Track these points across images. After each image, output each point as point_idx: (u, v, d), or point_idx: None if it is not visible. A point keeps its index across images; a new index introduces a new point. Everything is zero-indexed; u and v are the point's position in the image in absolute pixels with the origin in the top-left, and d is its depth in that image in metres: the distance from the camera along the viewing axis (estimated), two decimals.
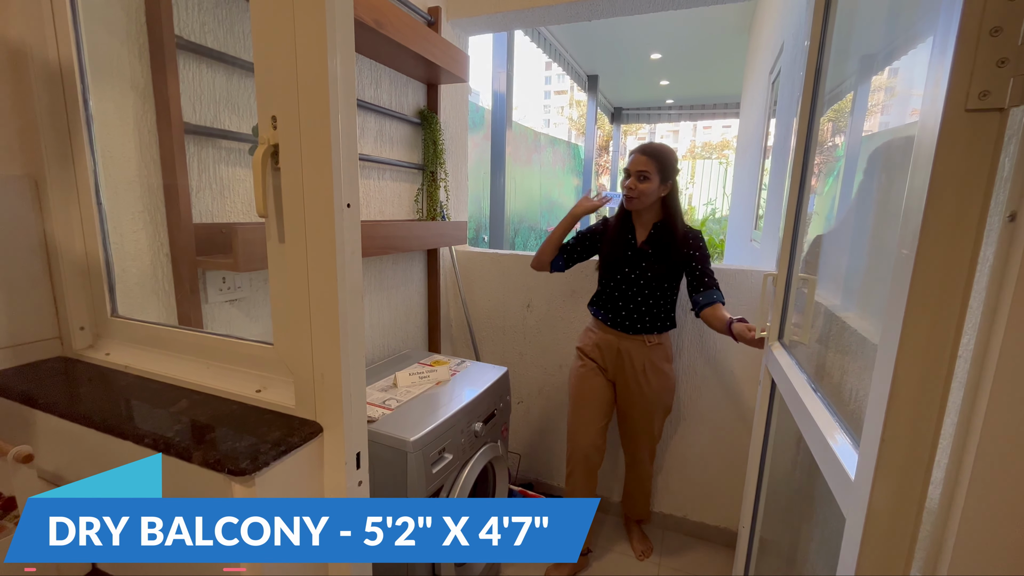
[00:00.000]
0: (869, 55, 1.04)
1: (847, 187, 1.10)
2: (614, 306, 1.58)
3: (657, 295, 1.54)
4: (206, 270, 1.14)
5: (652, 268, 1.52)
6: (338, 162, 0.62)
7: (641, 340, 1.57)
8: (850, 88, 1.12)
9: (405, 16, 1.47)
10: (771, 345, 1.11)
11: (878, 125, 1.02)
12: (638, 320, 1.55)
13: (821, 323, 1.05)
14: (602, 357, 1.62)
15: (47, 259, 0.89)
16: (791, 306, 1.08)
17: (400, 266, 1.86)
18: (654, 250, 1.52)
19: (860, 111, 1.08)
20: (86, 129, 0.87)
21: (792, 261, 1.08)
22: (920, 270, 0.44)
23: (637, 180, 1.48)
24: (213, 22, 1.12)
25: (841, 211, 1.13)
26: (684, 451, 1.90)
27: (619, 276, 1.55)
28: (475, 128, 3.87)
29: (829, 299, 1.04)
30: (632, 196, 1.49)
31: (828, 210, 1.22)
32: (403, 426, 1.23)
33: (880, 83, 1.01)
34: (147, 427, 0.67)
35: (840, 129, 1.21)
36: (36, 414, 0.76)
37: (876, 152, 0.96)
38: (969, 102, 0.42)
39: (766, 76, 3.00)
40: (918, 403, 0.49)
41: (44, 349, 0.90)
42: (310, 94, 0.61)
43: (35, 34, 0.81)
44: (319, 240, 0.65)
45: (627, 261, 1.54)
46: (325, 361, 0.68)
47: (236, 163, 1.20)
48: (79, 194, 0.89)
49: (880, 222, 0.82)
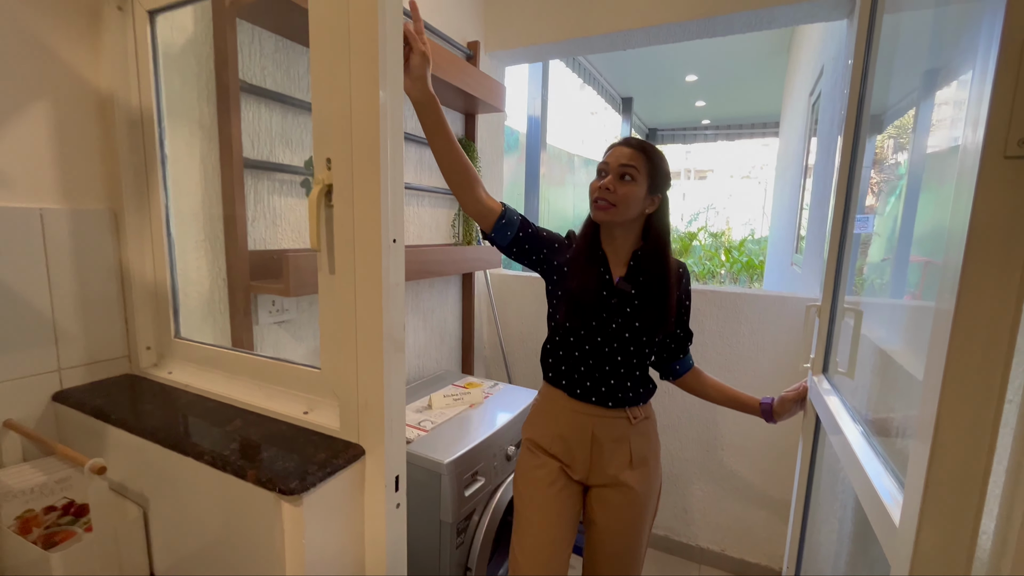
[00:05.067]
0: (932, 70, 1.01)
1: (909, 207, 1.06)
2: (586, 369, 1.08)
3: (644, 351, 1.09)
4: (258, 294, 1.21)
5: (638, 316, 1.06)
6: (386, 201, 0.66)
7: (624, 417, 1.10)
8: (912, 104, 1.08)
9: (446, 53, 1.54)
10: (815, 378, 1.08)
11: (944, 141, 0.98)
12: (619, 387, 1.08)
13: (868, 355, 1.02)
14: (568, 451, 1.10)
15: (121, 284, 0.97)
16: (836, 337, 1.06)
17: (436, 288, 1.92)
18: (638, 290, 1.07)
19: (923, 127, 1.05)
20: (160, 167, 0.95)
21: (836, 290, 1.06)
22: (961, 317, 0.44)
23: (618, 179, 1.01)
24: (272, 66, 1.22)
25: (901, 233, 1.09)
26: (724, 482, 1.84)
27: (594, 325, 1.06)
28: (510, 150, 3.95)
29: (876, 330, 1.01)
30: (607, 201, 1.01)
31: (890, 231, 1.16)
32: (438, 448, 1.26)
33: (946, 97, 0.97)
34: (206, 445, 0.72)
35: (902, 146, 1.15)
36: (107, 428, 0.83)
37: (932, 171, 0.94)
38: (1008, 149, 0.42)
39: (806, 98, 2.95)
40: (965, 447, 0.48)
41: (114, 367, 0.98)
42: (362, 140, 0.66)
43: (122, 84, 0.91)
44: (367, 272, 0.69)
45: (603, 305, 1.06)
46: (369, 387, 0.71)
47: (288, 193, 1.28)
48: (152, 225, 0.97)
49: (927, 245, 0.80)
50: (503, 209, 1.10)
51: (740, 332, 1.79)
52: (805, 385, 1.13)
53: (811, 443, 1.08)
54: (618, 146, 1.05)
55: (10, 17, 0.80)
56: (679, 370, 1.18)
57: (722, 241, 11.46)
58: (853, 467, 0.75)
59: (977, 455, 0.47)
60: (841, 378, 1.01)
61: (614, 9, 1.79)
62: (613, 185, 1.01)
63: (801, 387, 1.13)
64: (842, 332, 1.04)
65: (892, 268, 1.08)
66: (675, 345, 1.17)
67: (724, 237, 11.66)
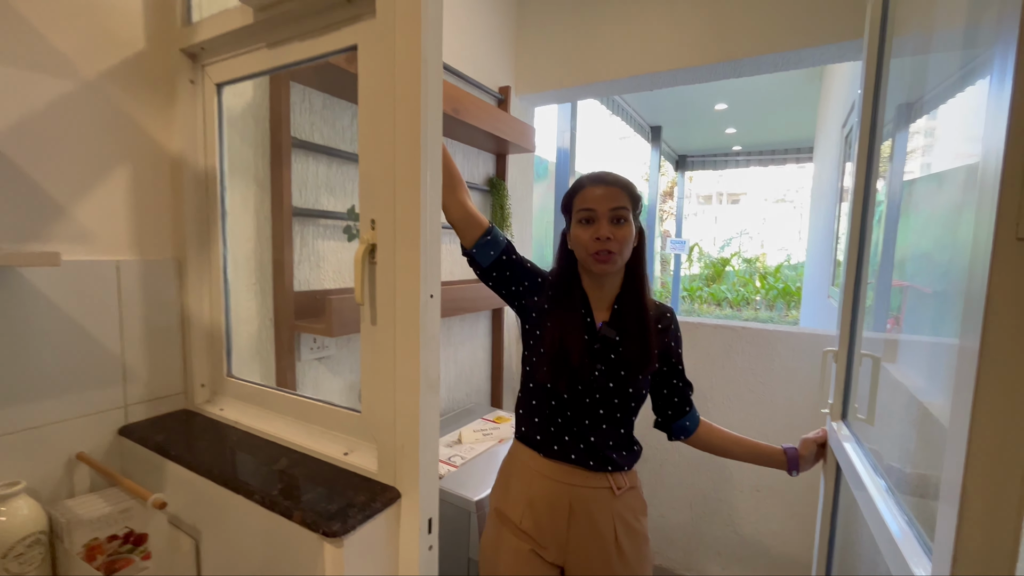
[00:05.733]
0: (906, 103, 1.03)
1: (889, 233, 1.06)
2: (563, 422, 0.98)
3: (630, 406, 0.99)
4: (300, 332, 1.29)
5: (623, 363, 0.97)
6: (425, 261, 0.72)
7: (606, 487, 0.97)
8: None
9: (479, 101, 1.63)
10: (834, 424, 1.06)
11: (919, 169, 0.99)
12: (600, 445, 0.97)
13: (890, 397, 1.00)
14: (539, 526, 0.97)
15: (181, 326, 1.06)
16: (855, 382, 1.04)
17: (467, 322, 1.97)
18: (623, 337, 0.98)
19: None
20: (220, 219, 1.05)
21: (853, 334, 1.05)
22: (982, 400, 0.45)
23: (613, 224, 0.94)
24: (320, 121, 1.32)
25: (883, 258, 1.08)
26: (761, 526, 1.79)
27: (574, 377, 0.96)
28: (539, 178, 4.04)
29: (894, 370, 0.99)
30: (610, 253, 0.94)
31: (871, 256, 1.16)
32: (467, 484, 1.28)
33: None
34: (255, 484, 0.77)
35: (880, 174, 1.16)
36: (166, 462, 0.90)
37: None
38: (1020, 231, 0.44)
39: (839, 129, 2.93)
40: (994, 516, 0.48)
41: (172, 402, 1.06)
42: (404, 205, 0.72)
43: (190, 147, 1.01)
44: (406, 325, 0.74)
45: (586, 353, 0.97)
46: (405, 432, 0.76)
47: (331, 237, 1.37)
48: (211, 272, 1.06)
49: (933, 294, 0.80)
50: (490, 226, 1.02)
51: (772, 369, 1.77)
52: (825, 431, 1.11)
53: (832, 494, 1.06)
54: (596, 186, 0.96)
55: (104, 96, 0.92)
56: (689, 427, 1.08)
57: (756, 267, 11.22)
58: (877, 527, 0.74)
59: (1007, 526, 0.47)
60: (861, 423, 0.99)
61: (641, 53, 1.85)
62: (610, 232, 0.93)
63: (822, 432, 1.11)
64: (861, 375, 1.03)
65: (875, 292, 1.07)
66: (678, 399, 1.07)
67: (759, 263, 11.42)
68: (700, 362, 1.87)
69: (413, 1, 0.67)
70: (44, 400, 0.88)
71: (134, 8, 0.95)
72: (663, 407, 1.08)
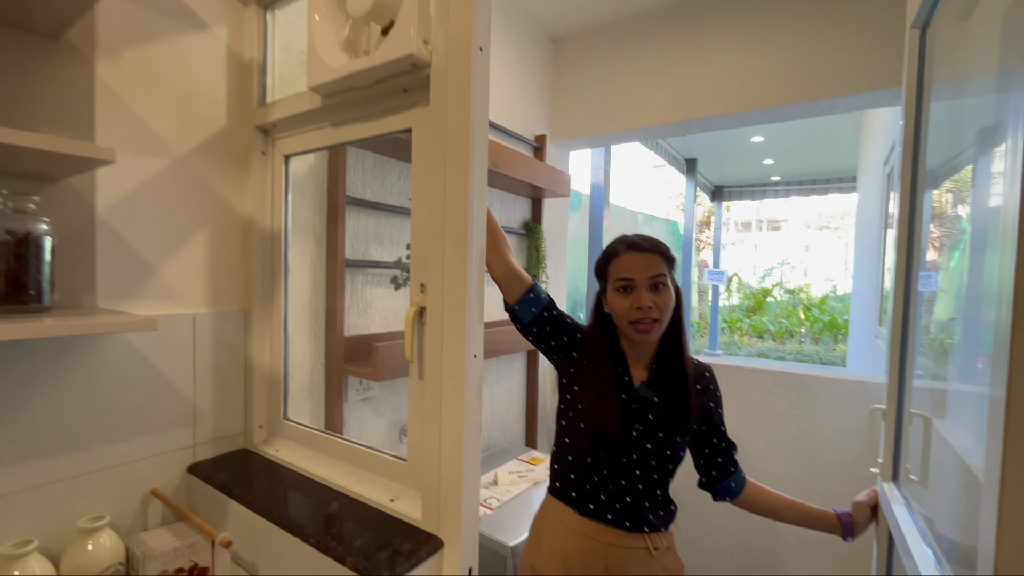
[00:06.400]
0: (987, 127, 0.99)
1: (976, 262, 1.02)
2: (600, 480, 0.98)
3: (668, 467, 0.98)
4: (348, 376, 1.37)
5: (661, 424, 0.97)
6: (470, 324, 0.78)
7: (643, 547, 0.96)
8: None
9: (516, 153, 1.72)
10: (885, 485, 1.04)
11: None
12: (636, 506, 0.96)
13: (945, 458, 0.97)
14: None
15: (245, 372, 1.16)
16: (905, 442, 1.02)
17: (502, 361, 2.02)
18: (661, 397, 0.99)
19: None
20: (283, 274, 1.15)
21: (902, 392, 1.03)
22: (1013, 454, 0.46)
23: (652, 292, 0.96)
24: (372, 179, 1.43)
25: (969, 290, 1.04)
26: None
27: (613, 437, 0.96)
28: (573, 209, 4.11)
29: (942, 427, 0.96)
30: (654, 321, 0.95)
31: (956, 288, 1.10)
32: (504, 528, 1.31)
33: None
34: (310, 527, 0.83)
35: (963, 199, 1.12)
36: (229, 501, 0.98)
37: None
38: None
39: (881, 167, 2.88)
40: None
41: (234, 442, 1.15)
42: (452, 272, 0.79)
43: (259, 210, 1.13)
44: (451, 382, 0.80)
45: (624, 413, 0.98)
46: (449, 483, 0.80)
47: (378, 285, 1.47)
48: (272, 321, 1.16)
49: None
50: (533, 283, 1.05)
51: (815, 416, 1.72)
52: (876, 492, 1.08)
53: (886, 560, 1.02)
54: (632, 254, 0.98)
55: (190, 168, 1.05)
56: (734, 488, 1.05)
57: (800, 298, 10.81)
58: None
59: None
60: (914, 485, 0.97)
61: (673, 102, 1.91)
62: (651, 300, 0.95)
63: (874, 493, 1.08)
64: (912, 435, 1.01)
65: (962, 328, 1.02)
66: (721, 459, 1.05)
67: (802, 293, 11.01)
68: (739, 408, 1.85)
69: (463, 95, 0.75)
70: (127, 440, 0.98)
71: (219, 94, 1.09)
72: (706, 468, 1.07)
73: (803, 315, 9.51)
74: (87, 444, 0.92)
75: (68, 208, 0.89)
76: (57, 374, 0.89)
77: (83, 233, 0.91)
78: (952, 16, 1.01)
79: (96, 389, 0.93)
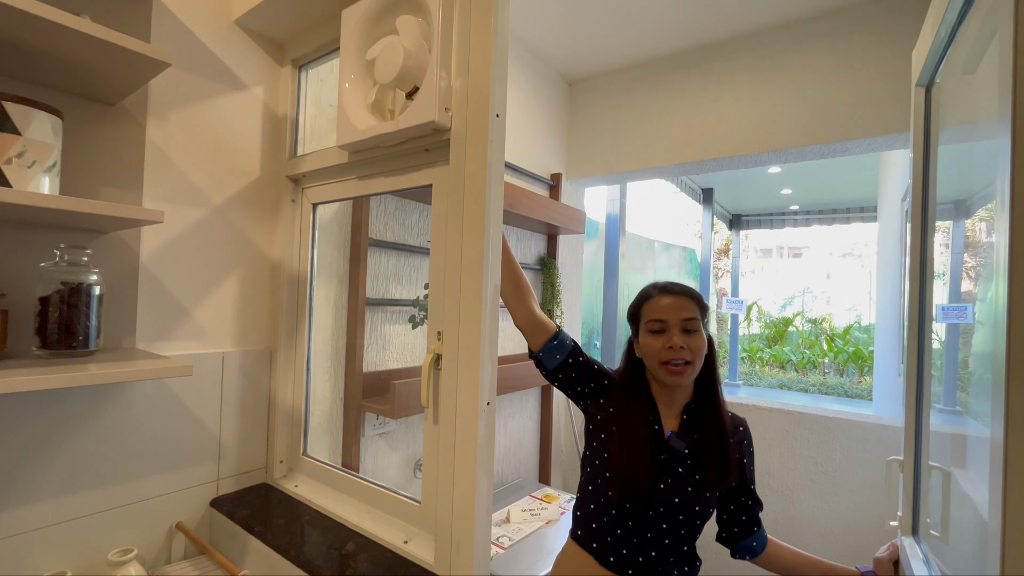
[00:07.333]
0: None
1: None
2: (623, 532, 0.94)
3: (696, 523, 0.95)
4: (365, 411, 1.41)
5: (691, 478, 0.94)
6: (483, 372, 0.81)
7: None
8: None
9: (531, 194, 1.78)
10: (905, 540, 1.02)
11: None
12: (660, 561, 0.93)
13: (964, 512, 0.95)
14: None
15: (268, 409, 1.20)
16: (924, 495, 1.00)
17: (516, 397, 2.03)
18: (695, 451, 0.96)
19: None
20: (308, 314, 1.21)
21: (919, 441, 1.02)
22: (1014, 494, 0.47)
23: (684, 334, 0.95)
24: (393, 221, 1.50)
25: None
26: None
27: (644, 488, 0.92)
28: (589, 237, 4.15)
29: (962, 477, 0.94)
30: (687, 363, 0.94)
31: (994, 320, 1.09)
32: (514, 568, 1.31)
33: None
34: (327, 568, 0.86)
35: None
36: (249, 537, 1.01)
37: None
38: None
39: (898, 202, 2.87)
40: None
41: (255, 476, 1.19)
42: (467, 322, 0.83)
43: (287, 254, 1.20)
44: (464, 427, 0.83)
45: (652, 464, 0.94)
46: (461, 528, 0.82)
47: (396, 322, 1.51)
48: (295, 359, 1.21)
49: None
50: (558, 330, 1.04)
51: (835, 459, 1.69)
52: (897, 546, 1.06)
53: None
54: (664, 296, 0.98)
55: (225, 217, 1.12)
56: (756, 547, 1.02)
57: (823, 328, 10.55)
58: None
59: None
60: (935, 540, 0.95)
61: (686, 143, 1.96)
62: (683, 341, 0.94)
63: (894, 547, 1.06)
64: (931, 487, 0.99)
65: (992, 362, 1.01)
66: (746, 517, 1.03)
67: (825, 323, 10.75)
68: (756, 448, 1.82)
69: (480, 157, 0.81)
70: (156, 475, 1.02)
71: (255, 147, 1.17)
72: (729, 523, 1.04)
73: (827, 346, 9.27)
74: (118, 479, 0.97)
75: (116, 258, 0.96)
76: (93, 414, 0.94)
77: (128, 280, 0.98)
78: (958, 70, 1.04)
79: (129, 426, 0.99)
